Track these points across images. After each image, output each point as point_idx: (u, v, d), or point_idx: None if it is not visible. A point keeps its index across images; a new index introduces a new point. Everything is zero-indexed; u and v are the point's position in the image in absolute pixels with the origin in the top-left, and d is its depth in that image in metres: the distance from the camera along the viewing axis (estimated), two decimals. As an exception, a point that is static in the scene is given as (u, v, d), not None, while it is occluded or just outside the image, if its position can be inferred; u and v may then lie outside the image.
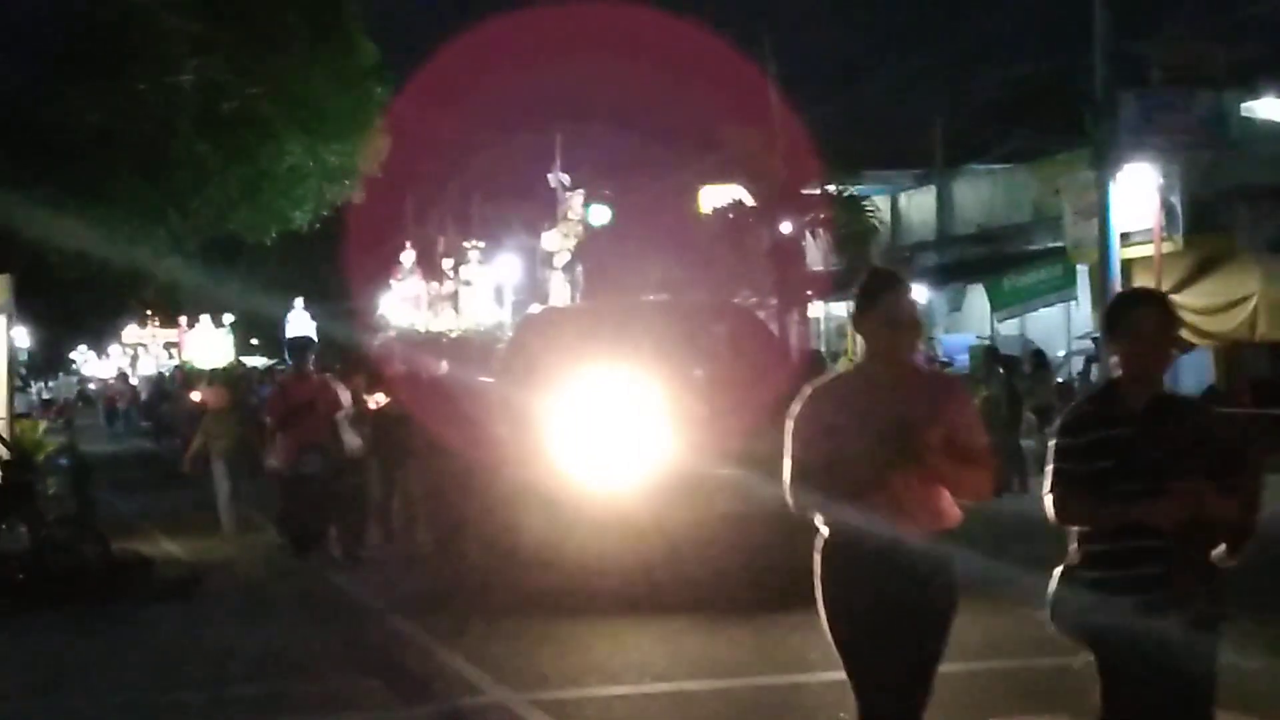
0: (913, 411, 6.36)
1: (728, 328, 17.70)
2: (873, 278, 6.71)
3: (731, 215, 33.70)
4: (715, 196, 35.72)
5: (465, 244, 54.18)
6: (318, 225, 44.36)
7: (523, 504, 14.60)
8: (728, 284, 30.77)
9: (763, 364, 16.19)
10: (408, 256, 54.84)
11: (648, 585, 13.88)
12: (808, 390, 6.69)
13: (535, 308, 23.29)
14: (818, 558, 6.69)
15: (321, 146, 40.13)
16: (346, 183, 42.90)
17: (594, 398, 14.75)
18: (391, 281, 54.66)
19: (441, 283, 53.44)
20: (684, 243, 33.52)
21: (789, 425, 6.79)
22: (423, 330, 45.41)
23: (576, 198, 25.35)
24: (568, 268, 26.59)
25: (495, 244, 50.62)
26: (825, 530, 6.68)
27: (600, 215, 33.82)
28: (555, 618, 13.64)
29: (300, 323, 51.44)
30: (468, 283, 52.74)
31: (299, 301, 51.80)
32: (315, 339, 25.07)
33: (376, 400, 19.66)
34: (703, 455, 14.33)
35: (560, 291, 25.60)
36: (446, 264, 54.15)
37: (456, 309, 52.06)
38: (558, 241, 25.05)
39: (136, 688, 11.73)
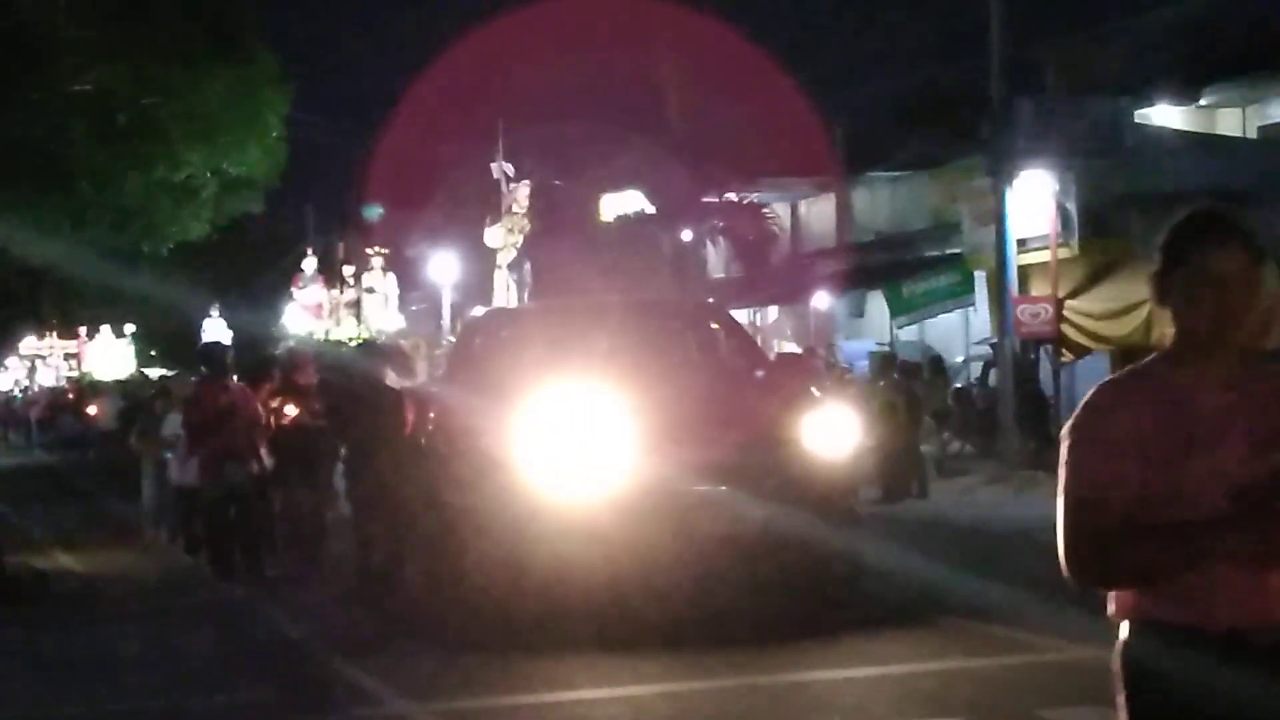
0: (1266, 429, 4.07)
1: (703, 328, 16.35)
2: (1187, 222, 4.46)
3: (632, 222, 33.77)
4: (617, 204, 35.76)
5: (368, 250, 53.87)
6: (215, 236, 44.00)
7: (473, 527, 13.32)
8: (630, 291, 30.78)
9: (744, 369, 15.11)
10: (309, 264, 54.50)
11: (618, 616, 12.34)
12: (1092, 393, 4.25)
13: (479, 310, 21.79)
14: (1118, 662, 4.07)
15: (220, 157, 39.82)
16: (246, 193, 42.58)
17: (554, 408, 13.06)
18: (293, 290, 54.33)
19: (342, 290, 53.08)
20: (591, 247, 33.44)
21: (1064, 445, 4.13)
22: (321, 339, 45.11)
23: (522, 189, 24.52)
24: (513, 265, 25.62)
25: (432, 242, 49.49)
26: (1127, 627, 4.09)
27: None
28: (486, 640, 12.51)
29: (217, 331, 51.20)
30: (370, 290, 52.45)
31: (215, 309, 51.53)
32: (229, 345, 24.24)
33: (285, 412, 18.05)
34: (681, 470, 12.91)
35: (505, 292, 24.67)
36: (348, 271, 53.81)
37: (359, 317, 51.83)
38: (501, 237, 24.07)
39: (27, 702, 11.60)
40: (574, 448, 12.83)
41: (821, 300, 37.00)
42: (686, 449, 12.95)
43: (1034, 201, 29.33)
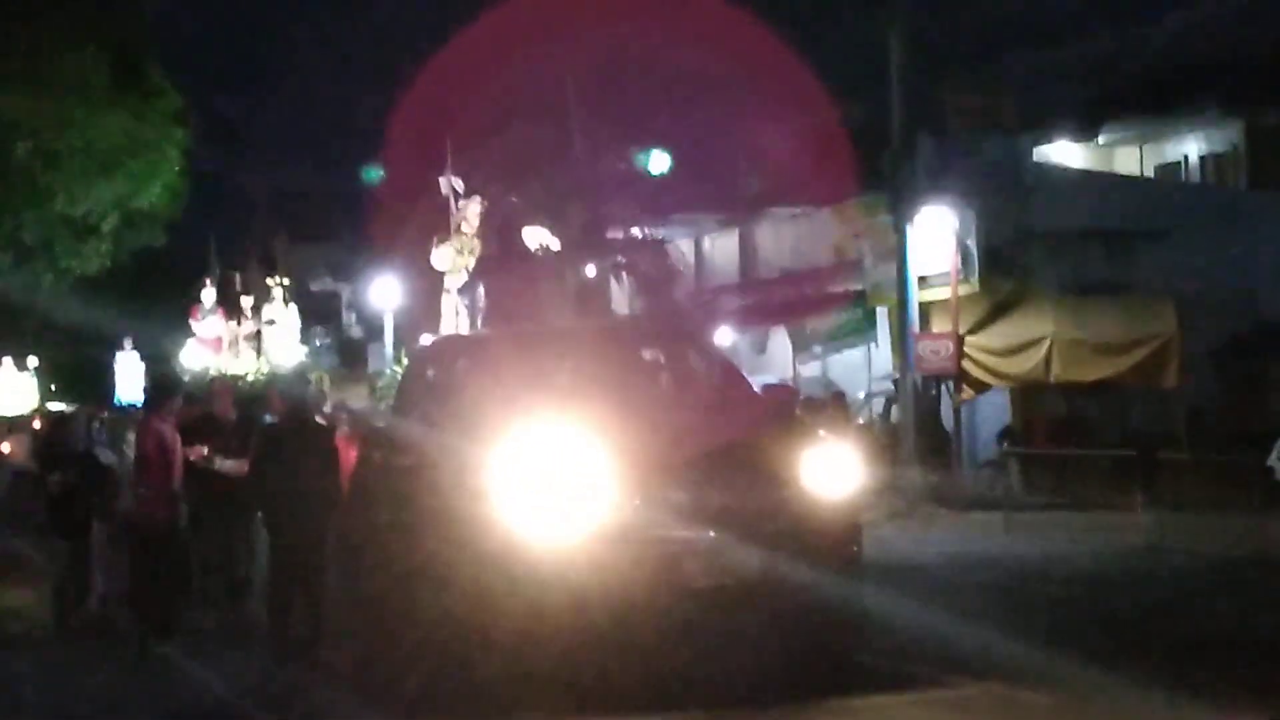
0: None
1: (681, 355, 14.61)
2: None
3: (539, 256, 33.59)
4: (531, 236, 35.50)
5: (269, 281, 53.28)
6: (109, 270, 43.64)
7: (429, 579, 12.05)
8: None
9: (730, 400, 13.52)
10: (208, 295, 53.89)
11: (594, 679, 11.02)
12: None
13: (429, 337, 19.88)
14: None
15: (121, 190, 39.55)
16: (148, 227, 42.35)
17: (521, 446, 11.55)
18: (191, 322, 53.71)
19: (240, 323, 52.47)
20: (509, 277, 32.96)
21: None
22: (216, 373, 44.52)
23: (472, 206, 23.73)
24: (465, 289, 24.51)
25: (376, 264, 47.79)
26: None
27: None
28: (446, 707, 11.42)
29: (129, 364, 50.64)
30: (271, 322, 51.92)
31: (127, 343, 50.98)
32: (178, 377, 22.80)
33: (198, 451, 16.26)
34: (664, 515, 11.49)
35: (453, 317, 23.77)
36: (246, 302, 53.17)
37: (259, 350, 51.33)
38: (450, 258, 23.20)
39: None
40: (545, 490, 11.33)
41: (724, 336, 37.08)
42: (670, 490, 11.55)
43: (935, 239, 29.55)
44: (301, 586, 13.95)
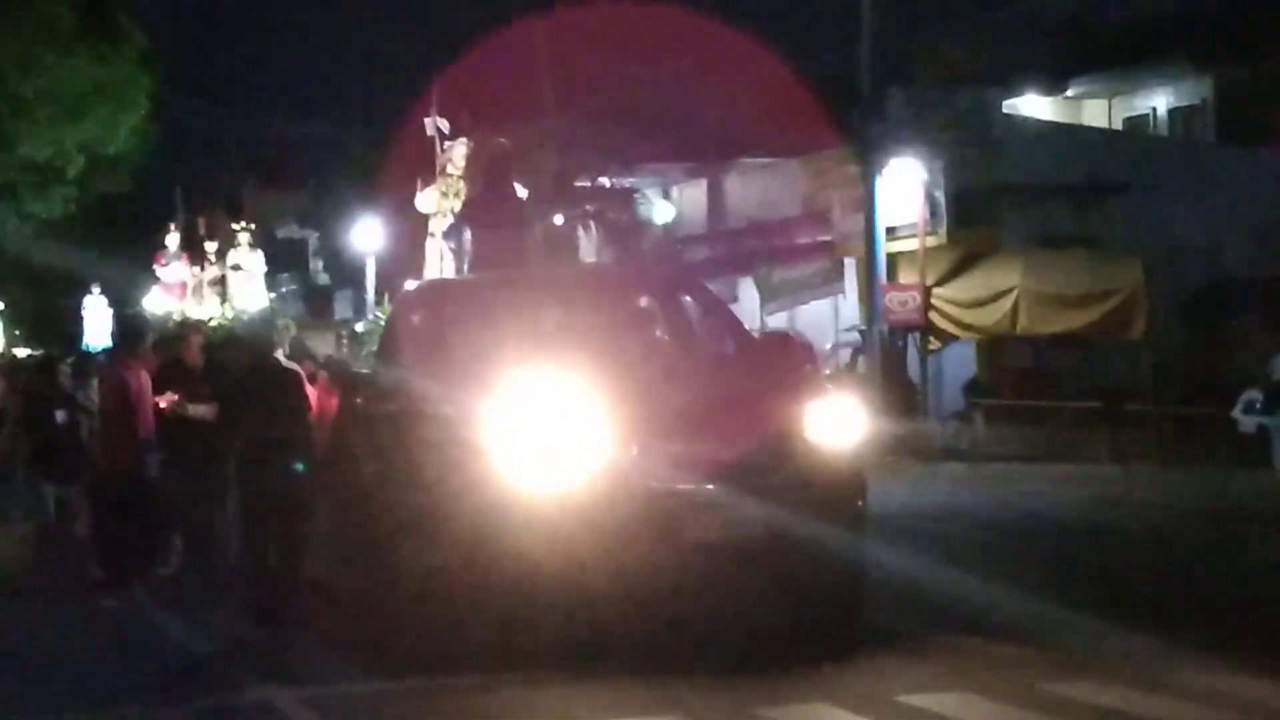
0: None
1: (680, 301, 13.86)
2: None
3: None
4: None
5: (234, 225, 52.93)
6: (74, 215, 43.51)
7: (419, 533, 11.56)
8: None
9: (731, 349, 12.99)
10: (172, 240, 53.53)
11: (592, 638, 10.72)
12: None
13: (414, 282, 19.03)
14: None
15: (88, 135, 39.39)
16: (115, 172, 42.22)
17: (514, 395, 11.01)
18: (155, 267, 53.38)
19: (204, 268, 52.15)
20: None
21: None
22: (178, 318, 44.24)
23: (458, 148, 22.99)
24: (450, 233, 23.62)
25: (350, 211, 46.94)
26: None
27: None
28: (435, 666, 10.78)
29: (97, 309, 50.40)
30: (237, 267, 51.60)
31: (95, 288, 50.72)
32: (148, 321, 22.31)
33: (169, 398, 15.63)
34: (665, 466, 10.90)
35: (438, 262, 22.96)
36: (210, 247, 52.79)
37: (224, 296, 51.08)
38: (435, 201, 22.49)
39: None
40: (540, 441, 10.75)
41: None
42: (671, 441, 10.96)
43: (903, 190, 29.58)
44: (275, 538, 13.43)
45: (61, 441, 16.91)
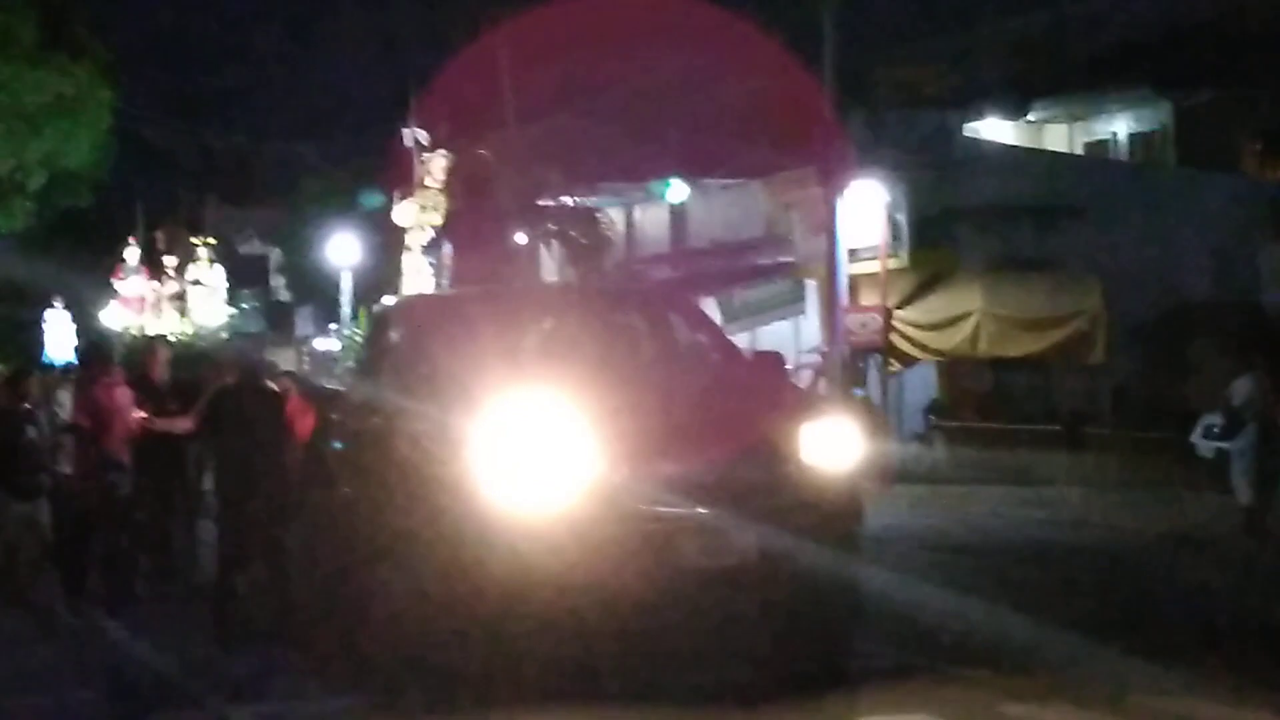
0: None
1: (668, 320, 13.39)
2: None
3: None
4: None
5: (193, 240, 52.75)
6: (33, 228, 43.34)
7: (401, 557, 11.32)
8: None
9: (723, 368, 12.57)
10: (131, 254, 53.33)
11: (579, 666, 10.33)
12: None
13: (391, 298, 18.30)
14: None
15: (48, 149, 39.25)
16: (75, 186, 42.09)
17: (500, 415, 10.59)
18: (114, 282, 53.15)
19: (163, 282, 51.96)
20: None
21: None
22: (137, 334, 44.11)
23: (437, 160, 22.24)
24: (430, 247, 22.43)
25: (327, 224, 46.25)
26: None
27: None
28: (419, 693, 10.60)
29: (59, 323, 50.22)
30: (197, 282, 51.42)
31: (57, 301, 50.51)
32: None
33: (137, 415, 15.37)
34: (656, 490, 10.47)
35: (417, 276, 21.82)
36: (169, 262, 52.60)
37: (183, 311, 50.91)
38: (413, 215, 21.59)
39: None
40: (527, 462, 10.36)
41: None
42: (662, 464, 10.56)
43: (865, 212, 29.63)
44: (263, 560, 13.31)
45: (27, 457, 16.78)
